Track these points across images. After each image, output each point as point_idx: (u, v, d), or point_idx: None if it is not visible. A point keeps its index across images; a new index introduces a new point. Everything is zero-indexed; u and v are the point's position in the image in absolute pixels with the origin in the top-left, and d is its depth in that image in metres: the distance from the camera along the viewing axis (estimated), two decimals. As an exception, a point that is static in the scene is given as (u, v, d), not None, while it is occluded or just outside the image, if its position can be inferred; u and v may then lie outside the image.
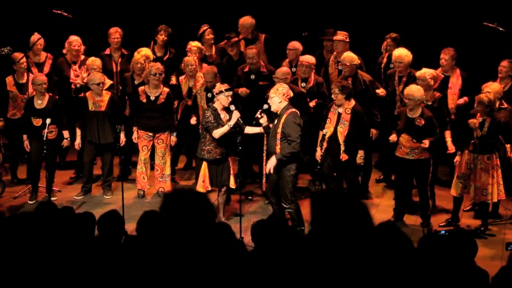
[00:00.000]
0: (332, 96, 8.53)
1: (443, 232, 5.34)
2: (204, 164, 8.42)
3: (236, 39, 10.19)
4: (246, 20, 10.32)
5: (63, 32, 10.30)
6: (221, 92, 8.31)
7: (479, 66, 9.69)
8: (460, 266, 4.65)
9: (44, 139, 8.71)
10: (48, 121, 8.83)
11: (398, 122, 8.47)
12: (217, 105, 8.39)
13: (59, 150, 9.76)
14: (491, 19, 9.53)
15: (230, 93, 8.37)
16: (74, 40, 10.07)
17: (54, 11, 10.22)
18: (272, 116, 8.26)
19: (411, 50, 9.30)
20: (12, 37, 10.46)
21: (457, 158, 8.43)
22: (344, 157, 8.47)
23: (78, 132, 9.46)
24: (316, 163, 8.41)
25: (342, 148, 8.46)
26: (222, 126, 8.30)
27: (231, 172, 8.54)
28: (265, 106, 8.21)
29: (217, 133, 8.28)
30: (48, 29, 10.26)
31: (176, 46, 10.46)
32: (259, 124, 8.30)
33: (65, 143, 9.40)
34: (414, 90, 8.27)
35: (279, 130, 8.03)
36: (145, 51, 9.81)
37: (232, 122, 8.28)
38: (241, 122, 8.37)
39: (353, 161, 8.56)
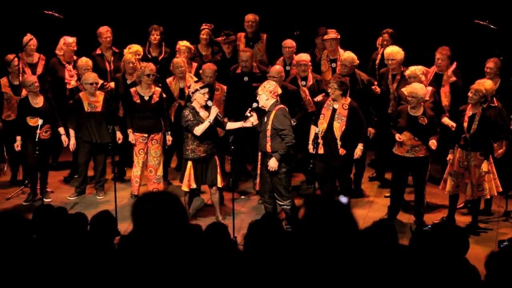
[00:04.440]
0: (329, 91, 8.47)
1: (428, 227, 5.34)
2: (189, 163, 8.38)
3: (233, 37, 10.11)
4: (249, 17, 10.26)
5: (54, 33, 10.26)
6: (196, 90, 8.28)
7: (472, 64, 9.67)
8: (450, 263, 4.65)
9: (37, 139, 8.68)
10: (40, 122, 8.81)
11: (399, 120, 8.42)
12: (194, 104, 8.35)
13: (52, 151, 9.73)
14: (483, 17, 9.52)
15: (206, 90, 8.32)
16: (73, 41, 10.02)
17: (46, 11, 10.19)
18: (260, 114, 8.26)
19: (406, 48, 9.27)
20: (4, 38, 10.43)
21: (450, 156, 8.38)
22: (342, 151, 8.43)
23: (72, 133, 9.35)
24: (309, 161, 8.36)
25: (339, 143, 8.41)
26: (202, 123, 8.27)
27: (218, 170, 8.51)
28: (255, 105, 8.20)
29: (199, 130, 8.22)
30: (39, 29, 10.23)
31: (170, 45, 10.41)
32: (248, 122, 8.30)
33: (64, 139, 9.26)
34: (418, 88, 8.27)
35: (269, 127, 8.03)
36: (135, 47, 9.78)
37: (211, 117, 8.24)
38: (221, 116, 8.40)
39: (348, 157, 8.54)
